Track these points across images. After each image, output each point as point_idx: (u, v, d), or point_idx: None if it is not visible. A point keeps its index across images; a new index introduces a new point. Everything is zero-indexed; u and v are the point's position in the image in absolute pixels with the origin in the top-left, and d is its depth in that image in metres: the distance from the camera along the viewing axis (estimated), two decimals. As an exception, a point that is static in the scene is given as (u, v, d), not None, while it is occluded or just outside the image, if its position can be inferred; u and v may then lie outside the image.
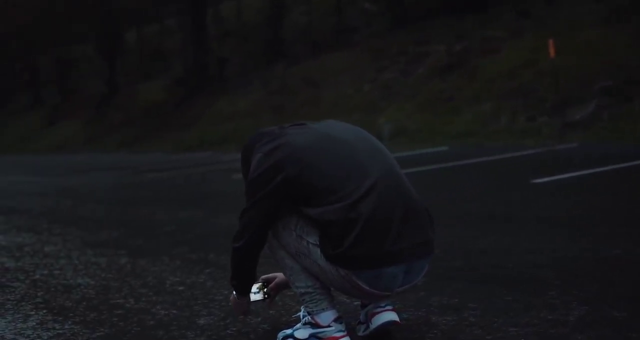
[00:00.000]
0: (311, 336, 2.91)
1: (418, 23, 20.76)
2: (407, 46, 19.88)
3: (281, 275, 3.22)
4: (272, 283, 3.31)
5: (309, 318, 2.92)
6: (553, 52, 13.53)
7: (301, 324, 2.98)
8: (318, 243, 2.76)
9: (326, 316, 2.88)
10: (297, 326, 2.99)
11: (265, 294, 3.29)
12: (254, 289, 3.27)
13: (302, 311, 3.01)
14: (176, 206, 8.38)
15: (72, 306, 3.96)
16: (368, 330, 3.02)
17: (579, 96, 13.73)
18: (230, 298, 3.27)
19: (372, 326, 2.99)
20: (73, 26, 34.44)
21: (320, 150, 2.82)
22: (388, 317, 2.98)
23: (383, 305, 3.01)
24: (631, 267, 3.95)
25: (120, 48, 32.66)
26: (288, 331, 3.00)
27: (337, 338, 2.88)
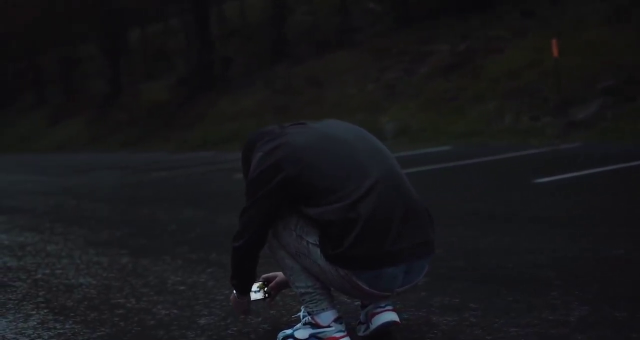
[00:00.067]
0: (311, 336, 2.91)
1: (422, 23, 20.74)
2: (411, 46, 19.86)
3: (282, 274, 3.22)
4: (273, 282, 3.31)
5: (309, 318, 2.92)
6: (556, 52, 13.51)
7: (301, 324, 2.98)
8: (318, 243, 2.76)
9: (326, 316, 2.88)
10: (297, 326, 2.99)
11: (265, 293, 3.29)
12: (255, 288, 3.27)
13: (302, 311, 3.01)
14: (178, 206, 8.39)
15: (74, 306, 3.97)
16: (368, 330, 3.02)
17: (583, 96, 13.71)
18: (230, 297, 3.27)
19: (372, 326, 2.99)
20: (76, 26, 34.43)
21: (320, 150, 2.82)
22: (388, 318, 2.98)
23: (383, 305, 3.01)
24: (631, 267, 3.94)
25: (123, 48, 32.66)
26: (288, 331, 3.00)
27: (337, 338, 2.88)
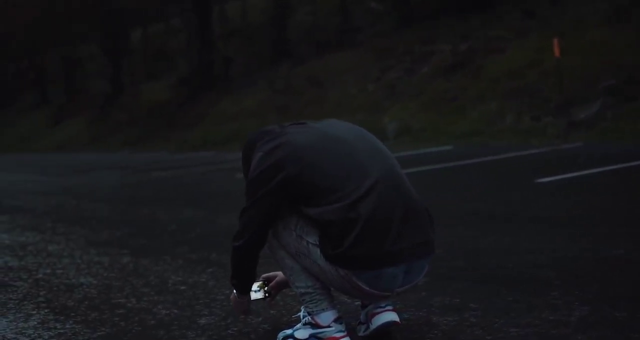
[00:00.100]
0: (311, 336, 2.91)
1: (423, 22, 20.73)
2: (412, 46, 19.85)
3: (282, 274, 3.21)
4: (273, 282, 3.31)
5: (309, 318, 2.92)
6: (558, 52, 13.50)
7: (301, 324, 2.97)
8: (318, 243, 2.76)
9: (326, 316, 2.88)
10: (297, 326, 2.99)
11: (266, 293, 3.29)
12: (255, 288, 3.27)
13: (302, 311, 3.00)
14: (179, 206, 8.39)
15: (74, 305, 3.97)
16: (368, 330, 3.02)
17: (584, 96, 13.70)
18: (230, 297, 3.27)
19: (372, 326, 2.99)
20: (77, 26, 34.44)
21: (321, 149, 2.82)
22: (388, 318, 2.98)
23: (383, 305, 3.01)
24: (631, 267, 3.94)
25: (124, 48, 32.66)
26: (288, 331, 3.00)
27: (337, 338, 2.87)
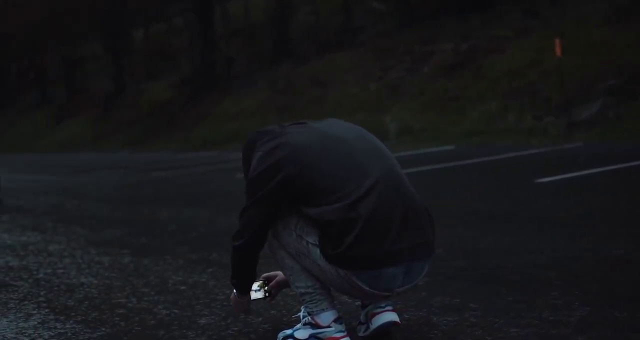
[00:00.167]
0: (311, 336, 2.91)
1: (424, 22, 20.73)
2: (413, 45, 19.84)
3: (282, 273, 3.22)
4: (273, 281, 3.31)
5: (309, 318, 2.92)
6: (559, 52, 13.49)
7: (301, 324, 2.97)
8: (318, 243, 2.76)
9: (326, 316, 2.88)
10: (297, 326, 2.98)
11: (266, 293, 3.29)
12: (255, 287, 3.27)
13: (303, 311, 3.00)
14: (180, 205, 8.39)
15: (75, 305, 3.97)
16: (368, 330, 3.02)
17: (585, 96, 13.69)
18: (230, 297, 3.27)
19: (373, 327, 2.99)
20: (78, 25, 34.44)
21: (320, 149, 2.82)
22: (388, 318, 2.98)
23: (383, 305, 3.01)
24: (631, 267, 3.94)
25: (126, 47, 32.66)
26: (288, 331, 3.00)
27: (337, 338, 2.87)
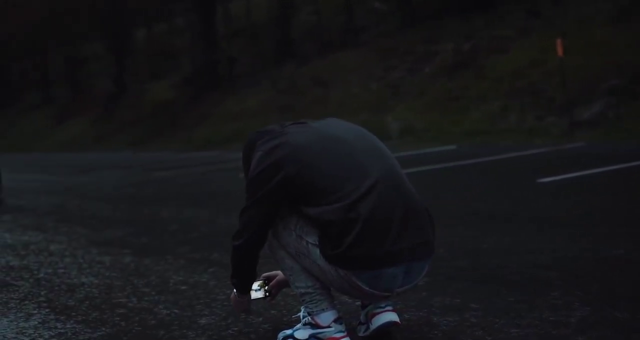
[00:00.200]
0: (311, 337, 2.90)
1: (426, 22, 20.73)
2: (416, 45, 19.85)
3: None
4: (274, 281, 3.30)
5: (309, 318, 2.92)
6: (561, 52, 13.48)
7: (301, 325, 2.97)
8: (317, 243, 2.75)
9: (326, 317, 2.87)
10: (297, 327, 2.98)
11: (266, 292, 3.28)
12: (255, 287, 3.26)
13: (303, 311, 3.00)
14: (182, 205, 8.39)
15: (75, 305, 3.97)
16: (368, 330, 3.01)
17: (587, 95, 13.69)
18: (230, 296, 3.26)
19: (373, 327, 2.99)
20: (80, 25, 34.46)
21: (320, 149, 2.81)
22: (388, 318, 2.97)
23: (383, 305, 3.00)
24: (632, 267, 3.93)
25: (128, 47, 32.68)
26: (288, 331, 3.00)
27: (337, 339, 2.87)
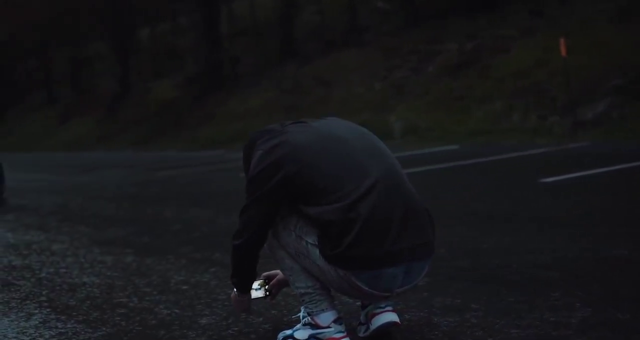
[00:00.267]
0: (311, 337, 2.90)
1: (430, 22, 20.71)
2: (419, 45, 19.83)
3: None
4: (274, 280, 3.30)
5: (309, 319, 2.91)
6: (564, 51, 13.46)
7: (301, 325, 2.97)
8: (317, 243, 2.75)
9: (326, 317, 2.87)
10: (297, 327, 2.98)
11: (266, 291, 3.28)
12: (256, 286, 3.26)
13: (302, 311, 3.00)
14: (184, 204, 8.39)
15: (76, 305, 3.97)
16: (368, 331, 3.01)
17: (590, 95, 13.66)
18: (231, 296, 3.26)
19: (372, 327, 2.98)
20: (85, 25, 34.49)
21: (320, 149, 2.81)
22: (388, 318, 2.97)
23: (383, 306, 3.00)
24: (632, 268, 3.92)
25: (133, 47, 32.69)
26: (288, 332, 3.00)
27: (337, 339, 2.87)
